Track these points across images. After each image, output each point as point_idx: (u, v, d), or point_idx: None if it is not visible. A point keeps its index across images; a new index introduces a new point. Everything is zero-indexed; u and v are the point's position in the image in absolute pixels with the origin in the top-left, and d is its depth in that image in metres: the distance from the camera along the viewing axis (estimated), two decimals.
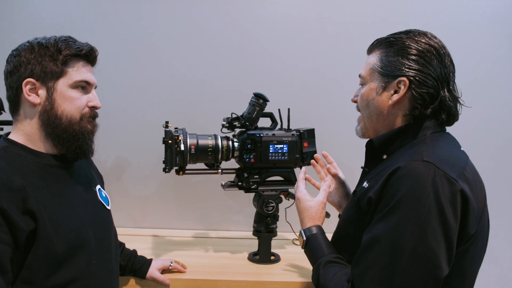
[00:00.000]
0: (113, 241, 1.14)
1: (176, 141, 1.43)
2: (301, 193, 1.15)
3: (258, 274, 1.46)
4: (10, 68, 0.97)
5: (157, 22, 1.93)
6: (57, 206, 0.95)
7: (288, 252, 1.69)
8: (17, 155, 0.96)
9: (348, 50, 1.96)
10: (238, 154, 1.54)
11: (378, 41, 1.04)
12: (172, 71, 1.94)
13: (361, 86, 1.07)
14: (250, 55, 1.96)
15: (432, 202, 0.80)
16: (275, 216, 1.59)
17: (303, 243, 1.07)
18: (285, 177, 1.62)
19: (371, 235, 0.86)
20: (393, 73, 0.96)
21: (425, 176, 0.82)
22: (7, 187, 0.87)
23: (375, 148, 1.02)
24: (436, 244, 0.80)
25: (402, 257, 0.80)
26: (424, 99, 0.94)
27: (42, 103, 0.97)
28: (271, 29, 1.95)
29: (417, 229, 0.80)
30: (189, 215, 2.02)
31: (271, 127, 1.61)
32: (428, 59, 0.94)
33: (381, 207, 0.86)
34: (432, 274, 0.80)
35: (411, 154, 0.89)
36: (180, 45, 1.94)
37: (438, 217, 0.80)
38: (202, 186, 1.99)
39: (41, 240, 0.89)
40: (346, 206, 1.06)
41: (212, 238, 1.90)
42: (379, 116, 1.01)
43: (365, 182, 1.00)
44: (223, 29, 1.95)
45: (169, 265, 1.43)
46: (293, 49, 1.96)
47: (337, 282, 0.91)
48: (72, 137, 1.00)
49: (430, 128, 0.96)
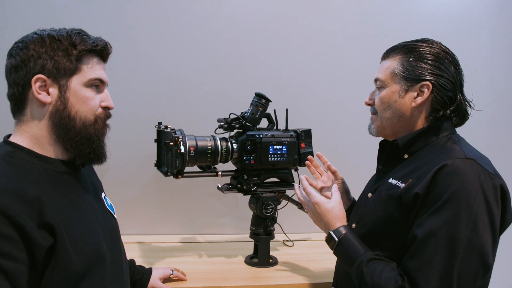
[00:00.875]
0: (122, 251, 1.06)
1: (177, 143, 1.36)
2: (317, 197, 1.13)
3: (261, 278, 1.43)
4: (16, 62, 0.85)
5: (144, 19, 1.83)
6: (72, 217, 0.86)
7: (282, 254, 1.68)
8: (25, 161, 0.85)
9: (343, 51, 1.98)
10: (237, 156, 1.50)
11: (395, 48, 1.08)
12: (157, 70, 1.85)
13: (377, 89, 1.10)
14: (240, 55, 1.92)
15: (480, 196, 0.86)
16: (273, 218, 1.57)
17: (335, 244, 1.05)
18: (283, 179, 1.60)
19: (425, 229, 0.88)
20: (416, 77, 1.02)
21: (472, 173, 0.88)
22: (21, 198, 0.76)
23: (398, 148, 1.05)
24: (486, 235, 0.86)
25: (458, 249, 0.85)
26: (445, 101, 1.02)
27: (54, 102, 0.87)
28: (264, 29, 1.93)
29: (470, 221, 0.85)
30: (174, 219, 1.94)
31: (269, 128, 1.59)
32: (446, 65, 1.02)
33: (429, 202, 0.89)
34: (484, 262, 0.86)
35: (450, 152, 0.94)
36: (167, 43, 1.86)
37: (486, 209, 0.87)
38: (187, 189, 1.92)
39: (60, 257, 0.80)
40: (376, 205, 1.06)
41: (201, 242, 1.84)
42: (400, 118, 1.05)
43: (391, 179, 1.03)
44: (212, 27, 1.89)
45: (170, 273, 1.36)
46: (287, 49, 1.96)
47: (388, 277, 0.91)
48: (86, 141, 0.91)
49: (448, 130, 1.03)
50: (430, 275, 0.85)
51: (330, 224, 1.08)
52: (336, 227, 1.06)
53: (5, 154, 0.83)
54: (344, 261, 1.05)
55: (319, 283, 1.40)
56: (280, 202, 1.57)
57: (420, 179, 0.93)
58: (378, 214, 1.03)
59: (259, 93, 1.47)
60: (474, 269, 0.86)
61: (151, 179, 1.90)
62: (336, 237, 1.04)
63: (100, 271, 0.89)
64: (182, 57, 1.88)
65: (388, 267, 0.94)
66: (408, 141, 1.04)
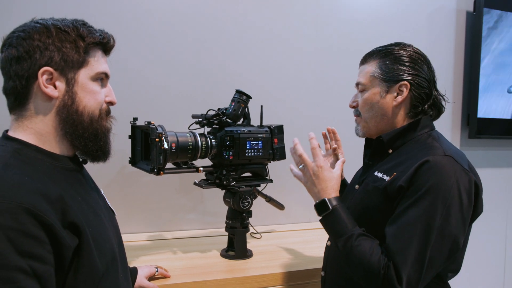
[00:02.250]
0: (124, 247, 1.03)
1: (160, 139, 1.34)
2: (323, 162, 1.13)
3: (244, 270, 1.47)
4: (18, 53, 0.79)
5: (117, 15, 1.75)
6: (90, 216, 0.83)
7: (253, 246, 1.73)
8: (35, 158, 0.80)
9: (321, 47, 2.08)
10: (216, 151, 1.51)
11: (372, 53, 1.19)
12: (127, 66, 1.78)
13: (359, 93, 1.21)
14: (208, 52, 1.92)
15: (455, 189, 0.98)
16: (249, 211, 1.61)
17: (326, 212, 1.08)
18: (258, 173, 1.65)
19: (406, 217, 0.99)
20: (394, 78, 1.13)
21: (449, 169, 1.00)
22: (47, 197, 0.72)
23: (383, 144, 1.16)
24: (457, 224, 0.98)
25: (432, 235, 0.97)
26: (422, 98, 1.13)
27: (61, 96, 0.82)
28: (235, 28, 1.95)
29: (444, 211, 0.97)
30: (138, 217, 1.88)
31: (244, 124, 1.63)
32: (419, 65, 1.13)
33: (410, 192, 1.00)
34: (452, 247, 0.99)
35: (431, 149, 1.05)
36: (139, 40, 1.80)
37: (458, 202, 0.99)
38: (150, 186, 1.88)
39: (85, 257, 0.77)
40: (363, 195, 1.15)
41: (170, 239, 1.82)
42: (383, 116, 1.16)
43: (376, 172, 1.14)
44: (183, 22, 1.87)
45: (155, 271, 1.34)
46: (262, 45, 2.01)
47: (376, 254, 1.00)
48: (94, 137, 0.87)
49: (428, 126, 1.15)
50: (407, 257, 0.96)
51: (326, 192, 1.10)
52: (331, 197, 1.10)
53: (14, 152, 0.78)
54: (330, 230, 1.10)
55: (299, 270, 1.49)
56: (256, 196, 1.62)
57: (403, 172, 1.03)
58: (365, 203, 1.13)
59: (239, 90, 1.50)
60: (443, 253, 0.98)
61: (114, 176, 1.83)
62: (330, 205, 1.08)
63: (115, 270, 0.88)
64: (150, 54, 1.83)
65: (375, 244, 1.02)
66: (392, 137, 1.15)
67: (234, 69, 1.97)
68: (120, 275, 0.90)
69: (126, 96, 1.80)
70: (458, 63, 2.43)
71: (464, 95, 2.45)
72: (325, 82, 2.15)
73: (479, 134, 2.39)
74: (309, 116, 2.12)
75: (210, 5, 1.92)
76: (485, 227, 2.50)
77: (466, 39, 2.43)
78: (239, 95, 1.50)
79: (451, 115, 2.45)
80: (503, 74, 2.44)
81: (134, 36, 1.81)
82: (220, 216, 1.72)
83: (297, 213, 2.12)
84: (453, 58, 2.42)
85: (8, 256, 0.65)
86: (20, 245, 0.66)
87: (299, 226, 2.07)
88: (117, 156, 1.60)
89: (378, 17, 2.22)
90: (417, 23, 2.32)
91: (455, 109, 2.46)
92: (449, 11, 2.38)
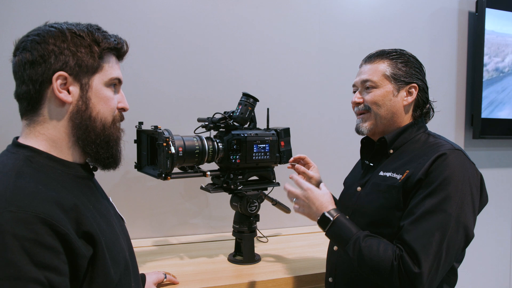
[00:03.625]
0: (134, 254, 1.01)
1: (168, 144, 1.32)
2: (309, 184, 1.19)
3: (251, 275, 1.46)
4: (32, 57, 0.77)
5: (122, 17, 1.73)
6: (103, 225, 0.81)
7: (260, 250, 1.71)
8: (47, 166, 0.78)
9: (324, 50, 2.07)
10: (223, 155, 1.50)
11: (380, 53, 1.22)
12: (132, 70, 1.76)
13: (365, 89, 1.22)
14: (213, 56, 1.91)
15: (466, 181, 1.03)
16: (256, 215, 1.60)
17: (329, 225, 1.11)
18: (265, 176, 1.64)
19: (422, 207, 1.01)
20: (405, 80, 1.18)
21: (460, 161, 1.05)
22: (61, 206, 0.71)
23: (386, 144, 1.19)
24: (469, 213, 1.02)
25: (450, 223, 0.99)
26: (424, 102, 1.22)
27: (75, 102, 0.81)
28: (237, 31, 1.94)
29: (459, 201, 1.01)
30: (144, 222, 1.86)
31: (250, 127, 1.61)
32: (422, 71, 1.22)
33: (426, 184, 1.04)
34: (467, 236, 1.02)
35: (439, 145, 1.10)
36: (144, 45, 1.78)
37: (469, 192, 1.03)
38: (155, 190, 1.86)
39: (100, 267, 0.75)
40: (375, 195, 1.15)
41: (176, 244, 1.80)
42: (394, 115, 1.19)
43: (382, 172, 1.16)
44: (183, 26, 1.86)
45: (164, 278, 1.32)
46: (268, 48, 2.00)
47: (385, 249, 1.01)
48: (106, 144, 0.86)
49: (423, 127, 1.21)
50: (426, 245, 0.97)
51: (323, 206, 1.13)
52: (329, 209, 1.12)
53: (26, 159, 0.76)
54: (337, 241, 1.12)
55: (308, 274, 1.47)
56: (263, 199, 1.60)
57: (418, 168, 1.06)
58: (379, 203, 1.12)
59: (246, 92, 1.49)
60: (459, 241, 1.01)
61: (118, 181, 1.81)
62: (331, 217, 1.10)
63: (128, 279, 0.86)
64: (156, 57, 1.82)
65: (384, 242, 1.04)
66: (393, 137, 1.19)
67: (239, 72, 1.96)
68: (132, 284, 0.88)
69: (131, 100, 1.75)
70: (461, 64, 2.43)
71: (467, 96, 2.45)
72: (331, 84, 2.14)
73: (483, 135, 2.39)
74: (316, 118, 2.11)
75: (215, 8, 1.91)
76: (489, 227, 2.50)
77: (469, 40, 2.43)
78: (246, 98, 1.49)
79: (455, 115, 2.44)
80: None
81: (140, 40, 1.79)
82: (226, 220, 1.71)
83: (303, 216, 2.09)
84: (455, 58, 2.41)
85: (24, 267, 0.63)
86: (36, 256, 0.65)
87: (305, 229, 2.05)
88: (122, 161, 1.59)
89: (380, 18, 2.22)
90: (419, 24, 2.31)
91: (459, 109, 2.45)
92: (451, 12, 2.38)
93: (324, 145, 2.14)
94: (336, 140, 2.14)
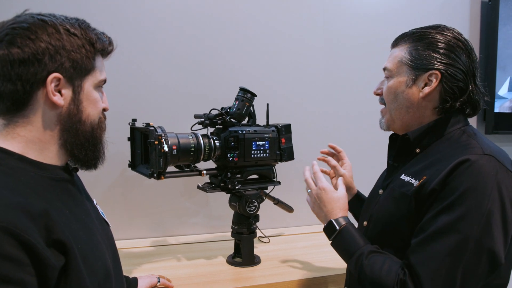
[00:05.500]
0: (119, 260, 0.96)
1: (160, 142, 1.26)
2: (325, 183, 1.10)
3: (250, 278, 1.39)
4: (24, 55, 0.70)
5: (116, 15, 1.67)
6: (78, 231, 0.75)
7: (261, 251, 1.64)
8: (17, 168, 0.72)
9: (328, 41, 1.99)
10: (220, 153, 1.43)
11: (404, 35, 1.06)
12: (126, 66, 1.70)
13: (385, 79, 1.08)
14: (211, 51, 1.84)
15: (495, 194, 0.84)
16: (256, 216, 1.53)
17: (334, 234, 1.03)
18: (265, 175, 1.57)
19: (435, 224, 0.86)
20: (424, 66, 0.98)
21: (489, 169, 0.85)
22: (28, 213, 0.64)
23: (410, 142, 1.03)
24: (497, 234, 0.84)
25: (467, 247, 0.83)
26: (455, 92, 0.98)
27: (66, 105, 0.77)
28: (237, 26, 1.86)
29: (482, 220, 0.83)
30: (140, 222, 1.81)
31: (249, 124, 1.54)
32: (457, 53, 0.98)
33: (442, 196, 0.87)
34: (493, 263, 0.84)
35: (466, 148, 0.91)
36: (137, 39, 1.72)
37: (500, 208, 0.84)
38: (153, 189, 1.81)
39: (73, 277, 0.69)
40: (388, 202, 1.03)
41: (175, 245, 1.74)
42: (408, 109, 1.03)
43: (403, 175, 1.00)
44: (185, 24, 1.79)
45: (157, 282, 1.27)
46: (267, 41, 1.92)
47: (389, 270, 0.90)
48: (93, 146, 0.83)
49: (461, 122, 1.00)
50: (435, 271, 0.84)
51: (333, 213, 1.05)
52: (337, 217, 1.04)
53: None
54: (341, 252, 1.04)
55: (310, 278, 1.40)
56: (263, 199, 1.54)
57: (434, 175, 0.90)
58: (390, 212, 1.01)
59: (243, 87, 1.42)
60: (481, 268, 0.84)
61: (114, 180, 1.75)
62: (337, 226, 1.02)
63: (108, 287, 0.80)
64: (150, 51, 1.76)
65: (389, 260, 0.92)
66: (419, 134, 1.02)
67: (237, 66, 1.89)
68: None
69: (125, 96, 1.72)
70: None
71: None
72: (333, 77, 2.05)
73: (496, 130, 2.28)
74: (318, 114, 2.03)
75: (211, 1, 1.83)
76: None
77: (481, 30, 2.31)
78: (243, 93, 1.41)
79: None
80: None
81: (132, 33, 1.73)
82: (226, 220, 1.64)
83: (307, 215, 2.01)
84: None
85: None
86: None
87: (309, 229, 1.97)
88: (117, 159, 1.55)
89: (388, 8, 2.12)
90: (429, 14, 2.20)
91: None
92: (463, 1, 2.26)
93: (329, 142, 2.06)
94: (341, 137, 2.04)
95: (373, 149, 1.83)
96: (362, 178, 1.44)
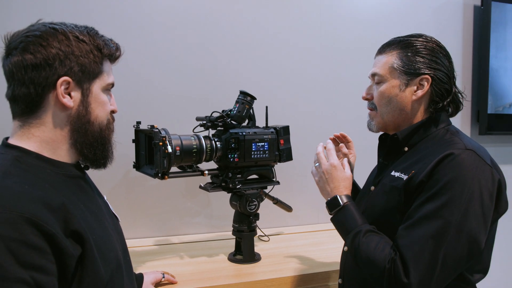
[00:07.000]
0: (128, 253, 1.01)
1: (164, 143, 1.32)
2: (337, 161, 1.16)
3: (251, 274, 1.45)
4: (36, 60, 0.77)
5: (118, 17, 1.73)
6: (93, 223, 0.81)
7: (261, 250, 1.70)
8: (36, 165, 0.78)
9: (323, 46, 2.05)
10: (221, 154, 1.49)
11: (390, 43, 1.13)
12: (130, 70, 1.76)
13: (375, 85, 1.15)
14: (211, 55, 1.90)
15: (475, 185, 0.93)
16: (256, 214, 1.59)
17: (337, 209, 1.09)
18: (265, 175, 1.62)
19: (420, 211, 0.94)
20: (415, 71, 1.07)
21: (470, 163, 0.95)
22: (48, 206, 0.70)
23: (399, 141, 1.11)
24: (476, 222, 0.92)
25: (449, 231, 0.91)
26: (443, 93, 1.08)
27: (76, 107, 0.82)
28: (237, 30, 1.93)
29: (463, 207, 0.92)
30: (144, 221, 1.86)
31: (249, 125, 1.60)
32: (441, 58, 1.08)
33: (428, 187, 0.96)
34: (472, 247, 0.93)
35: (451, 144, 1.00)
36: (141, 44, 1.78)
37: (479, 197, 0.93)
38: (156, 190, 1.86)
39: (89, 266, 0.75)
40: (380, 196, 1.10)
41: (177, 244, 1.79)
42: (402, 111, 1.10)
43: (393, 172, 1.08)
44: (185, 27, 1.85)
45: (162, 277, 1.32)
46: (266, 45, 1.98)
47: (382, 249, 0.97)
48: (102, 145, 0.88)
49: (445, 121, 1.10)
50: (418, 253, 0.91)
51: (339, 190, 1.12)
52: (343, 194, 1.10)
53: (14, 159, 0.76)
54: (340, 227, 1.10)
55: (309, 273, 1.45)
56: (263, 198, 1.59)
57: (421, 169, 0.98)
58: (382, 205, 1.08)
59: (243, 90, 1.48)
60: (460, 252, 0.92)
61: (119, 181, 1.81)
62: (341, 202, 1.08)
63: (120, 278, 0.86)
64: (153, 56, 1.82)
65: (384, 240, 0.99)
66: (408, 134, 1.10)
67: (237, 70, 1.95)
68: (125, 283, 0.88)
69: (129, 99, 1.78)
70: (466, 59, 2.39)
71: (473, 91, 2.41)
72: (331, 80, 2.11)
73: (489, 131, 2.34)
74: (316, 116, 2.09)
75: (212, 5, 1.90)
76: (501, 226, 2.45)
77: (474, 34, 2.38)
78: (243, 96, 1.47)
79: (461, 111, 2.39)
80: None
81: (136, 39, 1.79)
82: (227, 219, 1.69)
83: (305, 215, 2.09)
84: (461, 53, 2.37)
85: (9, 267, 0.63)
86: (21, 256, 0.64)
87: (308, 228, 2.03)
88: (122, 160, 1.60)
89: (383, 13, 2.19)
90: (423, 18, 2.27)
91: (464, 105, 2.40)
92: (456, 5, 2.33)
93: (325, 143, 2.12)
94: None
95: (373, 149, 1.89)
96: (361, 177, 1.49)
